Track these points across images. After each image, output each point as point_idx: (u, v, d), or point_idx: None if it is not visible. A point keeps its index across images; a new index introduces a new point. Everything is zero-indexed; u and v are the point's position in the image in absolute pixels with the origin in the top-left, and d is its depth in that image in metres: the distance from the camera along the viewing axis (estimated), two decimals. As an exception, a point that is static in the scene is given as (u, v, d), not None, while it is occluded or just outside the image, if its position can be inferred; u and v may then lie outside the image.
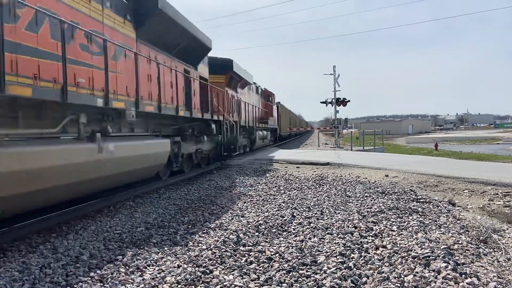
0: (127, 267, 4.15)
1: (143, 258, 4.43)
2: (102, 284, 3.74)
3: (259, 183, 10.18)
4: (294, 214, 6.30)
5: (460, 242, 4.53)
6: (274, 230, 5.45)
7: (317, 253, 4.46)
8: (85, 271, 4.03)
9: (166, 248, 4.81)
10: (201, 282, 3.70)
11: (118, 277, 3.88)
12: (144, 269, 4.13)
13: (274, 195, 8.37)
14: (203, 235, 5.38)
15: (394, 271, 3.75)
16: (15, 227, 5.09)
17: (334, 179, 10.35)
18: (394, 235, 4.89)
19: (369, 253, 4.34)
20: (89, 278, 3.84)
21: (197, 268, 3.99)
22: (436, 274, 3.57)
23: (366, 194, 7.90)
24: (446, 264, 3.72)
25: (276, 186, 9.62)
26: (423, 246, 4.25)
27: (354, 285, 3.57)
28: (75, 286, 3.67)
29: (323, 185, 9.42)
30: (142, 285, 3.69)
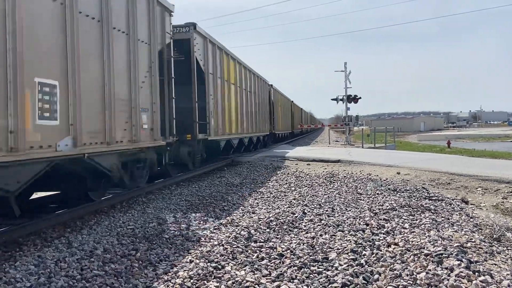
0: (141, 262, 4.20)
1: (156, 253, 4.49)
2: (116, 278, 3.79)
3: (269, 180, 10.20)
4: (305, 211, 6.30)
5: (473, 240, 4.50)
6: (285, 227, 5.46)
7: (329, 250, 4.47)
8: (100, 265, 4.09)
9: (178, 243, 4.86)
10: (213, 277, 3.74)
11: (132, 271, 3.94)
12: (157, 264, 4.18)
13: (284, 192, 8.38)
14: (214, 231, 5.42)
15: (407, 268, 3.74)
16: (31, 222, 5.18)
17: (345, 176, 10.32)
18: (406, 233, 4.87)
19: (381, 251, 4.33)
20: (104, 272, 3.90)
21: (209, 264, 4.03)
22: (449, 271, 3.55)
23: (377, 192, 7.87)
24: (459, 262, 3.70)
25: (286, 183, 9.62)
26: (436, 244, 4.23)
27: (366, 282, 3.57)
28: (90, 279, 3.73)
29: (334, 182, 9.40)
30: (156, 279, 3.74)
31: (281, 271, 3.85)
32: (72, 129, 5.22)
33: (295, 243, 4.73)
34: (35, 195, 6.78)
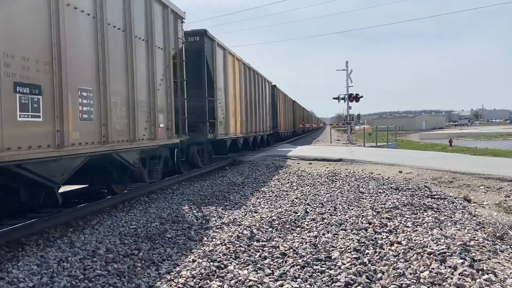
0: (143, 261, 4.20)
1: (158, 253, 4.49)
2: (119, 278, 3.79)
3: (271, 179, 10.20)
4: (307, 210, 6.29)
5: (476, 238, 4.49)
6: (287, 226, 5.46)
7: (331, 248, 4.46)
8: (102, 265, 4.09)
9: (180, 243, 4.86)
10: (216, 276, 3.73)
11: (135, 271, 3.93)
12: (159, 263, 4.18)
13: (287, 191, 8.37)
14: (217, 230, 5.42)
15: (410, 267, 3.73)
16: (33, 222, 5.19)
17: (347, 175, 10.31)
18: (409, 231, 4.86)
19: (384, 249, 4.33)
20: (107, 272, 3.90)
21: (211, 263, 4.03)
22: (453, 270, 3.54)
23: (379, 190, 7.86)
24: (462, 260, 3.69)
25: (288, 182, 9.61)
26: (439, 242, 4.22)
27: (369, 280, 3.56)
28: (93, 279, 3.73)
29: (336, 181, 9.39)
30: (158, 279, 3.74)
31: (284, 270, 3.84)
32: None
33: (297, 242, 4.72)
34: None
